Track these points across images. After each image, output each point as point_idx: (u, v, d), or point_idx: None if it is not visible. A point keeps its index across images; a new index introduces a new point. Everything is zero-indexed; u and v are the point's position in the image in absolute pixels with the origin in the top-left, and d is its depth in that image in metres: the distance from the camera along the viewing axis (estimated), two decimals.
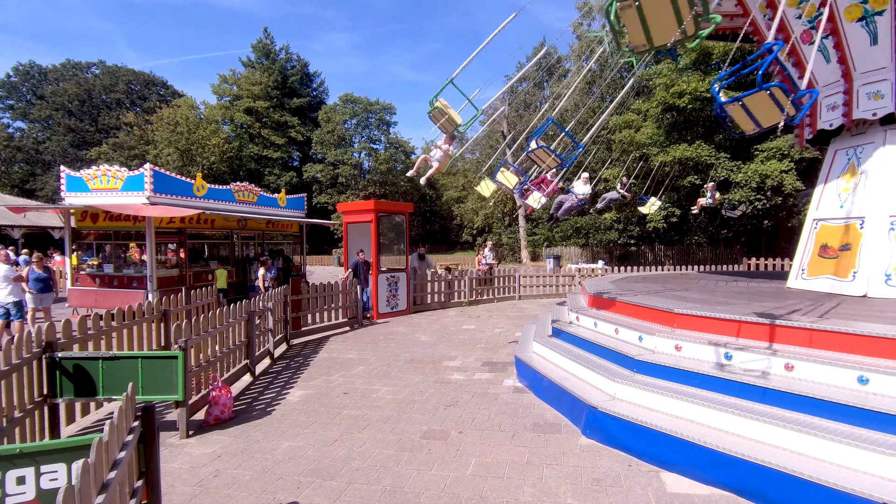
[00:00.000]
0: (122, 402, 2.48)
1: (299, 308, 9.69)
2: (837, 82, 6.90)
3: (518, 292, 15.69)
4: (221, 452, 4.46)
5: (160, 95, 55.52)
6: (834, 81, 6.96)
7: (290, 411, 5.53)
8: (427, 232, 54.83)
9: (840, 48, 6.59)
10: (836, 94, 6.94)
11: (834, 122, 7.00)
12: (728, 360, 4.37)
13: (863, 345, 3.81)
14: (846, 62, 6.64)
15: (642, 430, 4.16)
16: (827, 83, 7.10)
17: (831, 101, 7.06)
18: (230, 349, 6.32)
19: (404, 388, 6.30)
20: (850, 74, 6.68)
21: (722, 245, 27.32)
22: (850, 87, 6.71)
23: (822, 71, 7.02)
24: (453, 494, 3.64)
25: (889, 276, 6.08)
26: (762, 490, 3.39)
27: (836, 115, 6.95)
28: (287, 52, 52.81)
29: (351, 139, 50.45)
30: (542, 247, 33.37)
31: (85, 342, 5.12)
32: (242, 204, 13.84)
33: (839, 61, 6.71)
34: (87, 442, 2.18)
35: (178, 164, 40.20)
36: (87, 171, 11.32)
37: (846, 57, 6.60)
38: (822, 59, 6.91)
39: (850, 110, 6.72)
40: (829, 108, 7.13)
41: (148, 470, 2.66)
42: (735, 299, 5.98)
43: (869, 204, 6.46)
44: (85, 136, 50.51)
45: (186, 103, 46.65)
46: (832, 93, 7.04)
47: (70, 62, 54.14)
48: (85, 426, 5.10)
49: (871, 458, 3.13)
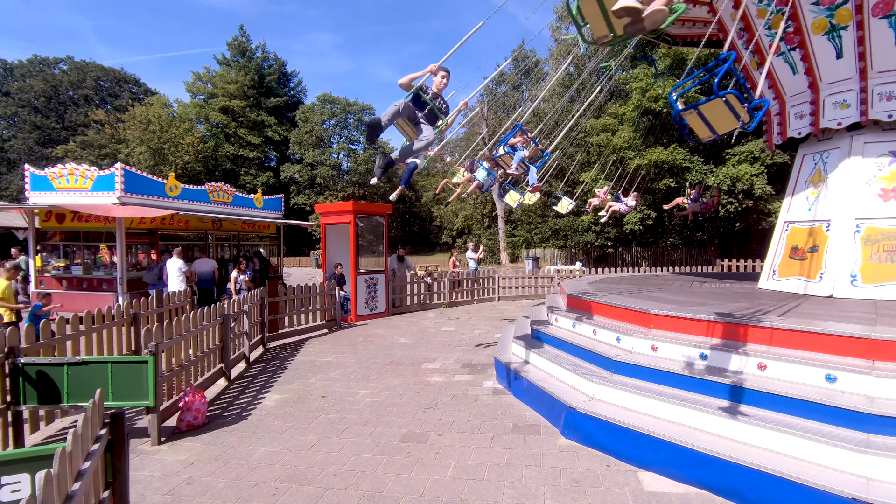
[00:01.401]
0: (89, 409, 2.38)
1: (276, 310, 9.52)
2: (805, 92, 7.14)
3: (497, 293, 15.75)
4: (194, 459, 4.34)
5: (132, 93, 54.07)
6: (802, 91, 7.20)
7: (266, 416, 5.42)
8: (407, 233, 54.65)
9: (807, 60, 6.81)
10: (804, 103, 7.18)
11: (802, 131, 7.24)
12: (703, 359, 4.45)
13: (830, 344, 3.92)
14: (813, 73, 6.87)
15: (620, 431, 4.21)
16: (795, 93, 7.34)
17: (799, 111, 7.30)
18: (204, 353, 6.16)
19: (383, 391, 6.25)
20: (817, 84, 6.91)
21: (696, 247, 27.97)
22: (817, 96, 6.94)
23: (791, 81, 7.26)
24: (433, 497, 3.61)
25: (854, 276, 6.29)
26: (737, 488, 3.45)
27: (804, 124, 7.20)
28: (264, 51, 52.09)
29: (329, 140, 49.98)
30: (522, 248, 33.60)
31: (50, 347, 4.92)
32: (217, 204, 13.58)
33: (806, 73, 6.95)
34: (50, 452, 2.09)
35: (151, 163, 39.18)
36: (53, 169, 10.95)
37: (813, 68, 6.83)
38: (789, 69, 7.15)
39: (818, 119, 6.94)
40: (797, 117, 7.37)
41: (115, 480, 2.56)
42: (709, 300, 6.11)
43: (835, 207, 6.68)
44: (51, 134, 48.88)
45: (159, 101, 45.56)
46: (800, 102, 7.27)
47: (37, 58, 52.33)
48: (50, 434, 4.90)
49: (841, 454, 3.22)
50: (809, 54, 6.73)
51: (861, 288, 6.19)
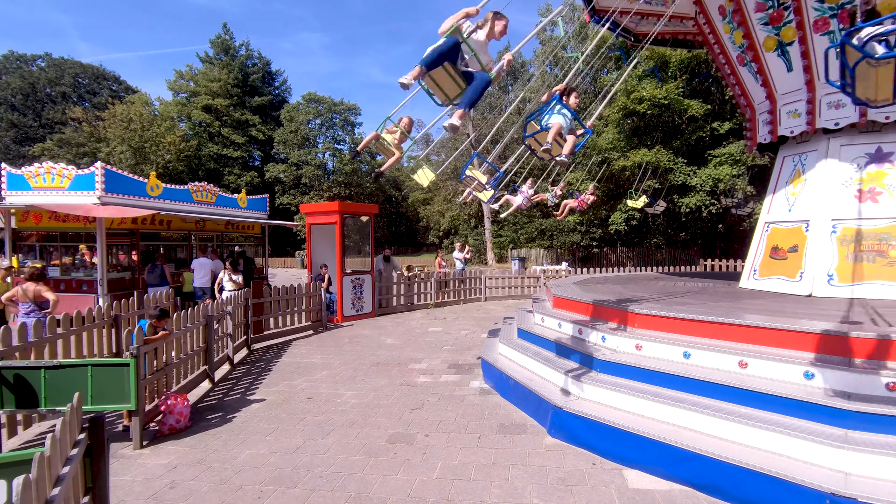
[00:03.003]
0: (67, 413, 2.33)
1: (261, 312, 9.42)
2: (765, 102, 7.61)
3: (484, 294, 15.79)
4: (177, 463, 4.27)
5: (112, 91, 53.00)
6: (762, 101, 7.67)
7: (250, 418, 5.36)
8: (393, 234, 54.46)
9: (762, 73, 7.31)
10: (765, 112, 7.66)
11: (767, 138, 7.64)
12: (686, 358, 4.51)
13: (808, 341, 4.00)
14: (769, 85, 7.33)
15: (605, 429, 4.25)
16: (760, 101, 7.78)
17: (766, 118, 7.70)
18: (187, 355, 6.07)
19: (370, 392, 6.22)
20: (773, 95, 7.36)
21: (680, 247, 28.33)
22: (774, 106, 7.39)
23: (756, 90, 7.75)
24: (420, 498, 3.61)
25: (831, 276, 6.44)
26: (719, 484, 3.51)
27: (765, 132, 7.70)
28: (248, 49, 51.41)
29: (315, 139, 49.53)
30: (508, 248, 33.74)
31: (27, 350, 4.81)
32: (200, 204, 13.36)
33: (763, 84, 7.42)
34: (28, 457, 2.04)
35: (132, 162, 38.48)
36: (29, 168, 10.67)
37: (768, 80, 7.28)
38: (752, 77, 7.62)
39: (775, 127, 7.39)
40: (764, 124, 7.79)
41: (95, 485, 2.51)
42: (692, 299, 6.20)
43: (813, 208, 6.83)
44: (28, 132, 47.71)
45: (140, 99, 44.76)
46: (764, 110, 7.71)
47: (13, 54, 51.09)
48: (27, 439, 4.79)
49: (819, 450, 3.29)
50: (763, 67, 7.23)
51: (837, 287, 6.34)
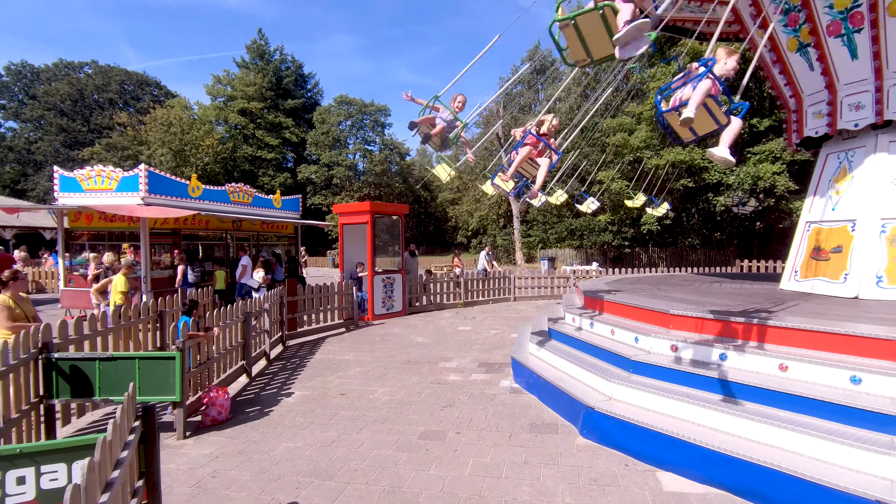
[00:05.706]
0: (125, 401, 2.48)
1: (295, 309, 9.67)
2: (822, 91, 7.05)
3: (513, 294, 15.74)
4: (219, 453, 4.45)
5: (153, 96, 55.20)
6: (818, 91, 7.11)
7: (287, 412, 5.53)
8: (422, 234, 54.79)
9: (823, 60, 6.73)
10: (821, 102, 7.11)
11: (819, 131, 7.16)
12: (723, 360, 4.41)
13: (855, 345, 3.86)
14: (829, 73, 6.79)
15: (638, 430, 4.20)
16: (812, 92, 7.26)
17: (816, 110, 7.23)
18: (227, 350, 6.30)
19: (401, 389, 6.31)
20: (834, 85, 6.83)
21: (715, 247, 27.52)
22: (835, 97, 6.86)
23: (808, 80, 7.18)
24: (452, 494, 3.66)
25: (880, 277, 6.17)
26: (757, 488, 3.43)
27: (821, 123, 7.14)
28: (281, 53, 52.73)
29: (346, 140, 50.38)
30: (537, 248, 33.48)
31: (80, 343, 5.10)
32: (237, 205, 13.80)
33: (822, 73, 6.86)
34: (87, 442, 2.18)
35: (172, 164, 39.98)
36: (81, 171, 11.25)
37: (829, 68, 6.74)
38: (806, 67, 7.06)
39: (835, 120, 6.88)
40: (814, 116, 7.27)
41: (148, 470, 2.66)
42: (729, 301, 6.04)
43: (860, 207, 6.55)
44: (77, 137, 50.12)
45: (180, 104, 46.43)
46: (817, 101, 7.20)
47: (63, 62, 53.68)
48: (80, 427, 5.09)
49: (864, 456, 3.18)
50: (825, 53, 6.64)
51: (887, 289, 6.06)
